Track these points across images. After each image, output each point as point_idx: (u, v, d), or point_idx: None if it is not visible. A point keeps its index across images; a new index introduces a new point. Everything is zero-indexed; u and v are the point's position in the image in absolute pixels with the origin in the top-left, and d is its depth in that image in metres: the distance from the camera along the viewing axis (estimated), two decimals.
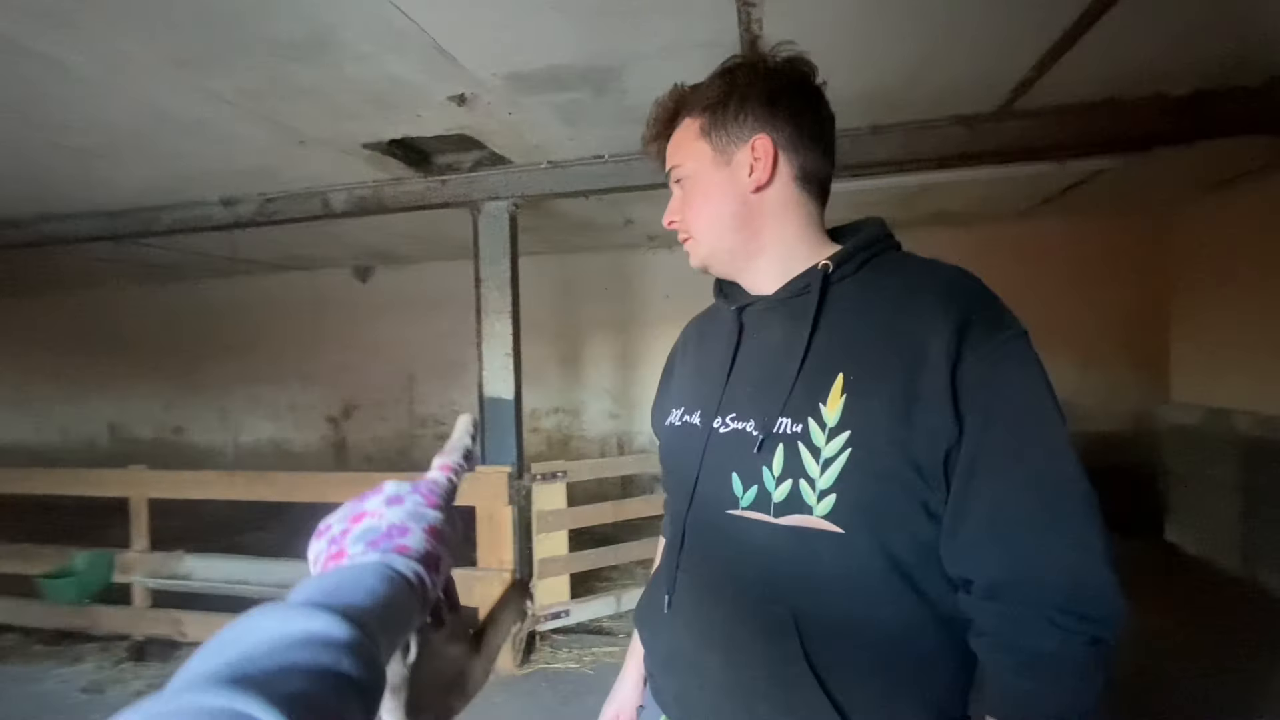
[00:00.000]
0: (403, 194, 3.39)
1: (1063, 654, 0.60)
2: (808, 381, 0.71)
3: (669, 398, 0.94)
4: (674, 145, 0.84)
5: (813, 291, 0.75)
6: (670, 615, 0.82)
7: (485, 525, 3.10)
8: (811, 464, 0.68)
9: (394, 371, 6.31)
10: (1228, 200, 4.10)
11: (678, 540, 0.82)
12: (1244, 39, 2.07)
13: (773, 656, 0.70)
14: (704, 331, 0.95)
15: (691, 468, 0.80)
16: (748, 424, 0.75)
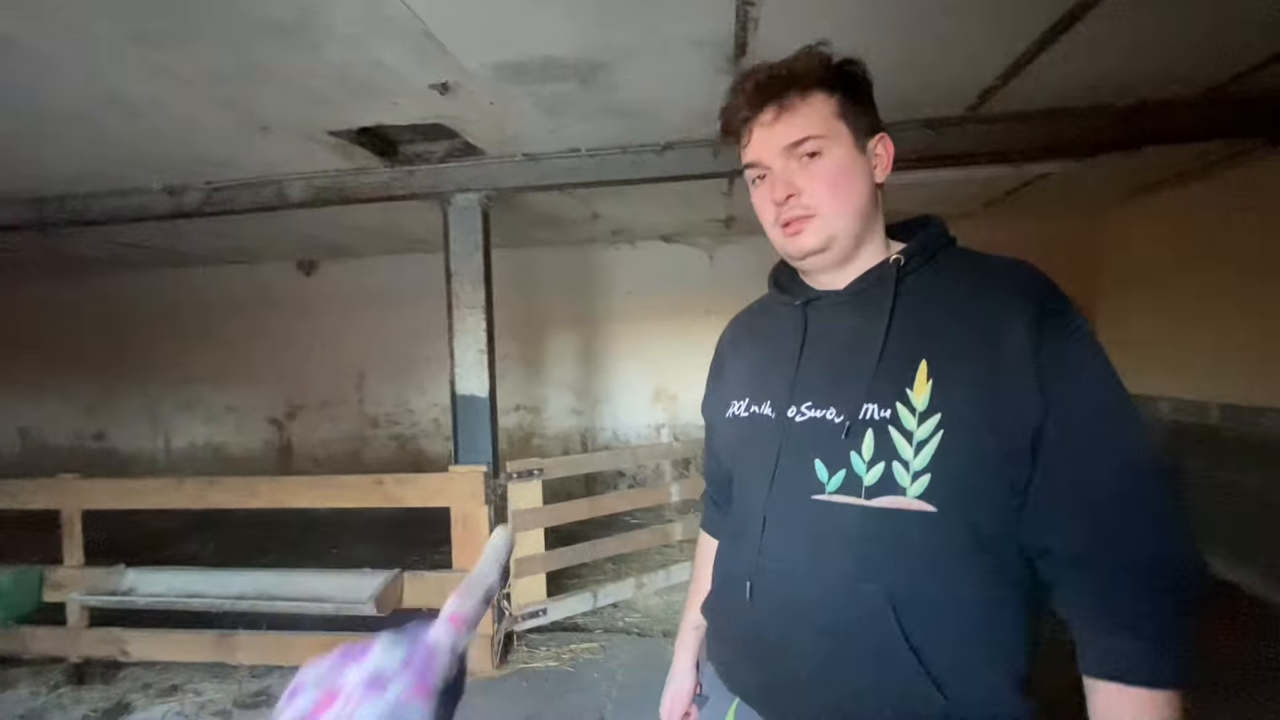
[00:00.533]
0: (366, 184, 3.26)
1: (1158, 615, 0.65)
2: (889, 369, 0.75)
3: (726, 390, 0.95)
4: (807, 115, 0.79)
5: (887, 283, 0.80)
6: (753, 603, 0.81)
7: (461, 527, 3.02)
8: (905, 447, 0.71)
9: (342, 370, 6.06)
10: (1151, 204, 4.46)
11: (757, 528, 0.82)
12: (1182, 55, 2.26)
13: (869, 635, 0.72)
14: (757, 326, 0.97)
15: (768, 457, 0.81)
16: (827, 411, 0.77)
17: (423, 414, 5.97)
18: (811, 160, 0.80)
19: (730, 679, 0.88)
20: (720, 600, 0.90)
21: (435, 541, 4.20)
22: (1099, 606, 0.68)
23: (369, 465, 5.89)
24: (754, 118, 0.82)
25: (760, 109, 0.81)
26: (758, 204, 0.86)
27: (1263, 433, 3.55)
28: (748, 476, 0.87)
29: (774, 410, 0.83)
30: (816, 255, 0.83)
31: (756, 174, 0.85)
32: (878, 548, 0.72)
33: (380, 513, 3.61)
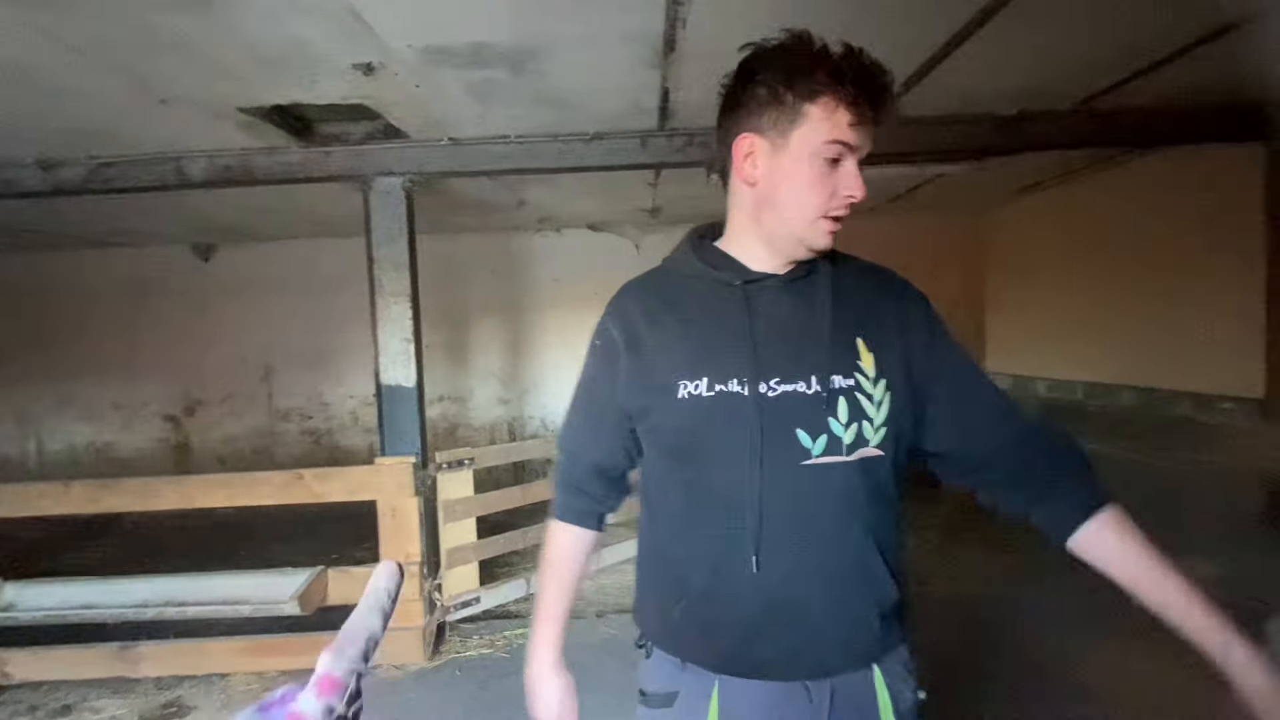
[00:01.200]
0: (278, 165, 3.09)
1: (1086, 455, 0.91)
2: (839, 346, 0.88)
3: (661, 369, 0.90)
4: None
5: (823, 275, 0.92)
6: (761, 574, 0.86)
7: (388, 519, 2.96)
8: (870, 408, 0.87)
9: (248, 361, 5.69)
10: (1030, 203, 4.95)
11: (748, 502, 0.85)
12: (1055, 73, 2.54)
13: (862, 565, 0.88)
14: (676, 301, 0.93)
15: (748, 433, 0.85)
16: (797, 385, 0.86)
17: (339, 406, 5.72)
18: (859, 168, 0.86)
19: (727, 660, 0.90)
20: (713, 585, 0.89)
21: (358, 538, 4.07)
22: (1054, 470, 0.89)
23: (280, 462, 5.58)
24: (862, 104, 0.81)
25: (881, 105, 0.82)
26: (810, 184, 0.84)
27: (1118, 407, 4.06)
28: (720, 456, 0.87)
29: (745, 387, 0.86)
30: (814, 254, 0.90)
31: (835, 154, 0.83)
32: (857, 493, 0.87)
33: (294, 512, 3.44)
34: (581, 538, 1.06)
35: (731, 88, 0.89)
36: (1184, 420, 3.56)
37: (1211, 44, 2.26)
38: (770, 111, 0.84)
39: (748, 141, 0.86)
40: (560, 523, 1.06)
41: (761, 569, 0.85)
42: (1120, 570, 0.85)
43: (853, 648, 0.88)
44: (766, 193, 0.87)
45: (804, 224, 0.86)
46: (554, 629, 1.06)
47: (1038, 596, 3.12)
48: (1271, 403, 3.02)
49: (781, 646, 0.87)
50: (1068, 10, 2.04)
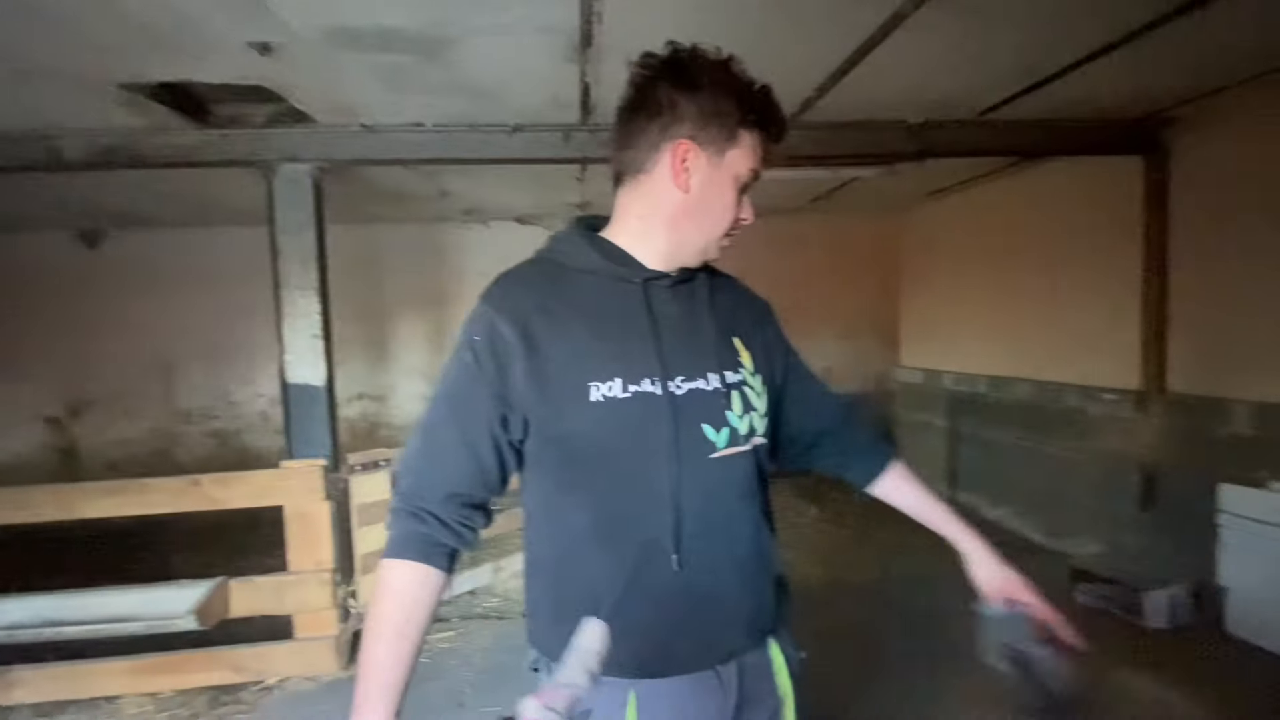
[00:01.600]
0: (168, 147, 2.86)
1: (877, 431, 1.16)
2: (722, 344, 0.95)
3: (569, 371, 0.84)
4: None
5: (702, 278, 0.97)
6: (684, 570, 0.86)
7: (296, 525, 2.82)
8: (756, 399, 0.94)
9: (144, 358, 5.27)
10: (938, 206, 5.22)
11: (670, 501, 0.85)
12: (956, 85, 2.68)
13: (760, 547, 0.95)
14: (577, 300, 0.88)
15: (664, 431, 0.85)
16: (698, 382, 0.90)
17: (247, 406, 5.39)
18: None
19: (643, 664, 0.86)
20: (631, 594, 0.86)
21: (269, 545, 3.85)
22: (863, 439, 1.11)
23: (183, 466, 5.20)
24: (772, 144, 0.90)
25: (776, 143, 0.91)
26: (725, 206, 0.89)
27: (1015, 398, 4.36)
28: (635, 458, 0.85)
29: (657, 386, 0.86)
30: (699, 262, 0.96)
31: (749, 181, 0.90)
32: (751, 479, 0.94)
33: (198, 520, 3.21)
34: (428, 579, 0.84)
35: (667, 87, 0.85)
36: (1072, 411, 3.86)
37: (1094, 63, 2.43)
38: (714, 127, 0.85)
39: (686, 147, 0.85)
40: (398, 562, 0.84)
41: (683, 566, 0.85)
42: (904, 503, 1.08)
43: (756, 625, 0.94)
44: (696, 203, 0.87)
45: (714, 239, 0.91)
46: (389, 705, 0.80)
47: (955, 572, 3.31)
48: (1147, 394, 3.31)
49: (699, 639, 0.88)
50: (963, 28, 2.14)
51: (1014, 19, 2.11)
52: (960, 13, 2.03)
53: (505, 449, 0.88)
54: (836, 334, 5.96)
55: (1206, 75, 2.64)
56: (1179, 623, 2.89)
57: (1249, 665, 2.59)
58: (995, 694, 2.39)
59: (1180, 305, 3.19)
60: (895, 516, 1.12)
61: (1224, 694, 2.38)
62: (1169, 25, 2.13)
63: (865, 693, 2.46)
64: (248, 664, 2.76)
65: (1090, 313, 3.74)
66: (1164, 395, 3.25)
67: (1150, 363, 3.27)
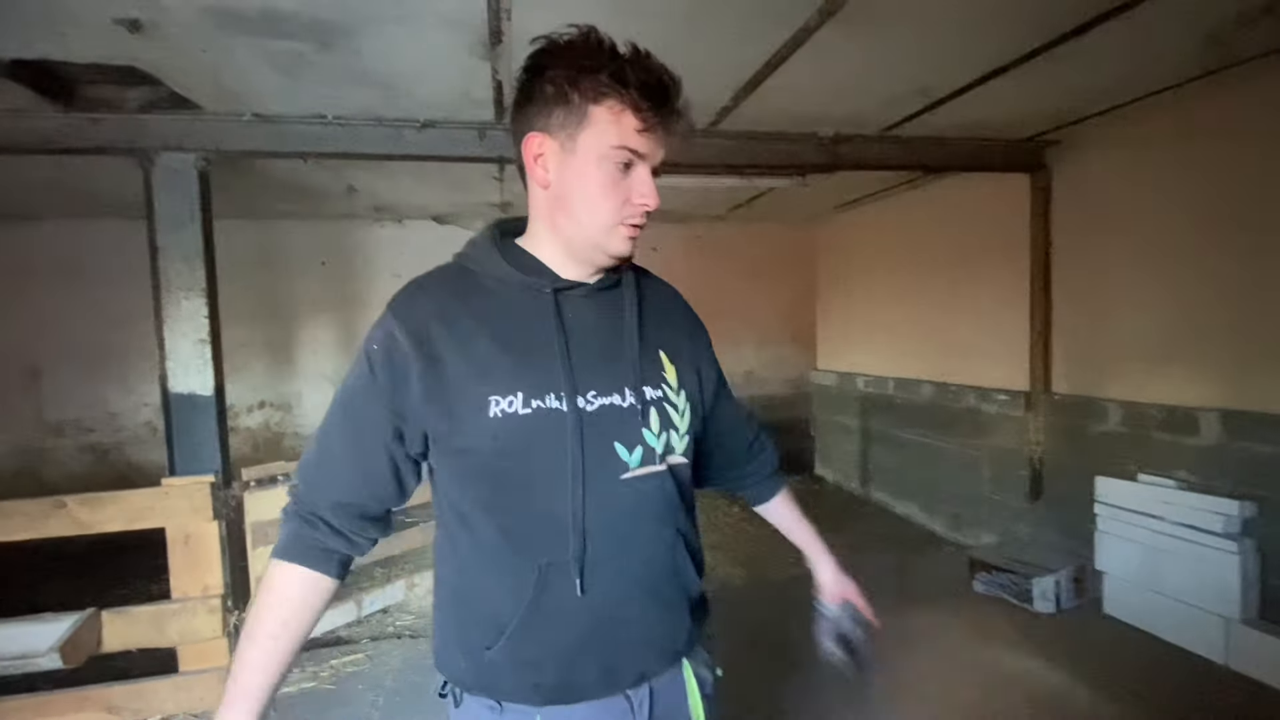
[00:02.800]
0: (26, 131, 2.55)
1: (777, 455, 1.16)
2: (646, 358, 0.89)
3: (468, 383, 0.80)
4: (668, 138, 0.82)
5: (629, 286, 0.92)
6: (587, 594, 0.82)
7: (180, 548, 2.58)
8: (676, 417, 0.90)
9: (5, 364, 4.71)
10: (850, 217, 5.44)
11: (575, 522, 0.81)
12: (863, 101, 2.78)
13: (676, 572, 0.90)
14: (482, 309, 0.84)
15: (566, 449, 0.80)
16: (612, 398, 0.85)
17: (130, 417, 4.92)
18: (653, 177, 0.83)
19: (549, 691, 0.84)
20: (533, 617, 0.82)
21: (154, 569, 3.52)
22: (766, 464, 1.14)
23: (53, 484, 4.69)
24: (656, 113, 0.78)
25: (676, 116, 0.80)
26: (602, 188, 0.80)
27: (919, 399, 4.59)
28: (536, 476, 0.81)
29: (564, 402, 0.81)
30: (619, 260, 0.87)
31: (624, 160, 0.79)
32: (668, 500, 0.89)
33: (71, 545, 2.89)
34: (313, 584, 0.83)
35: (521, 82, 0.83)
36: (970, 410, 4.10)
37: (985, 85, 2.59)
38: (558, 111, 0.79)
39: (536, 141, 0.82)
40: (284, 563, 0.82)
41: (587, 591, 0.81)
42: (779, 523, 1.17)
43: (667, 648, 0.91)
44: (559, 196, 0.83)
45: (600, 230, 0.82)
46: (253, 708, 0.78)
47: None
48: (1034, 394, 3.56)
49: (605, 664, 0.85)
50: (863, 48, 2.23)
51: (909, 42, 2.21)
52: (860, 34, 2.11)
53: (402, 461, 0.85)
54: (756, 339, 6.12)
55: (1080, 102, 2.87)
56: (1064, 606, 3.12)
57: (1123, 644, 2.83)
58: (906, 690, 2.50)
59: (1062, 312, 3.46)
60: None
61: (1099, 671, 2.58)
62: (1048, 54, 2.29)
63: (782, 697, 2.51)
64: (124, 703, 2.50)
65: (985, 319, 4.00)
66: (1049, 395, 3.51)
67: (1037, 366, 3.53)
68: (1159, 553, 2.81)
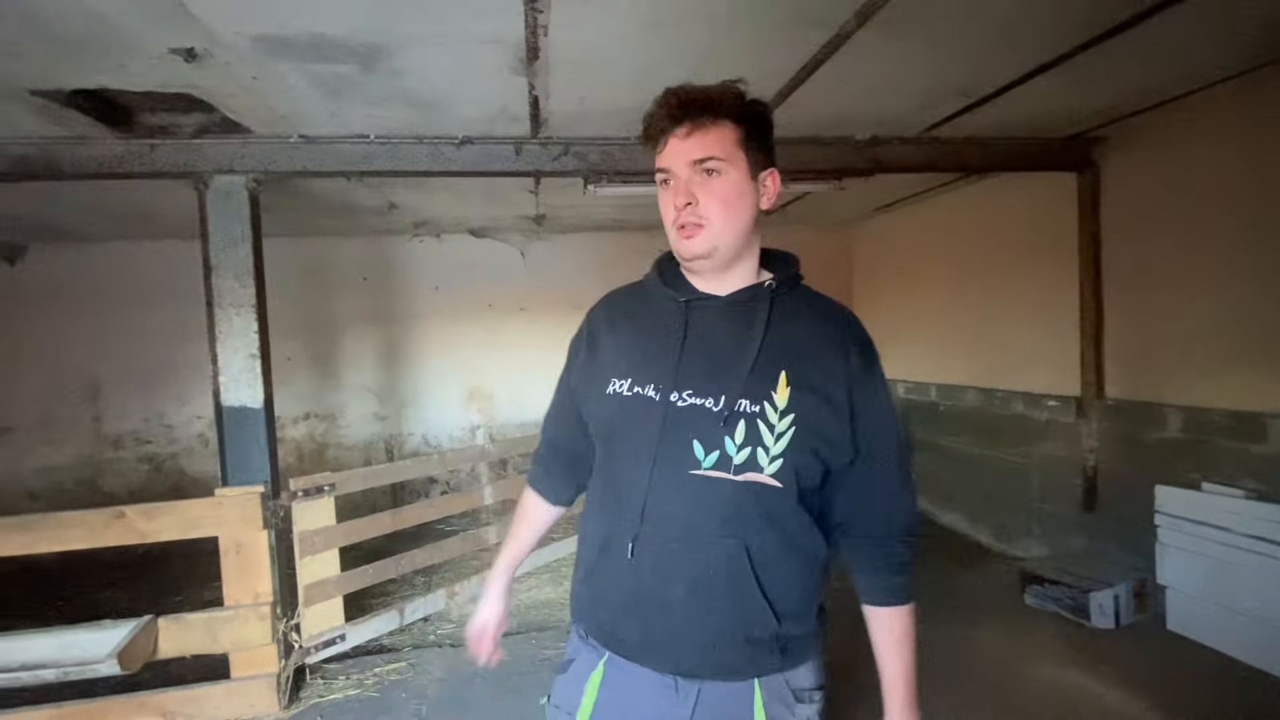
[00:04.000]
0: (89, 158, 2.69)
1: (909, 559, 1.00)
2: (760, 373, 0.92)
3: (603, 366, 1.02)
4: (714, 138, 0.92)
5: (762, 301, 0.97)
6: (634, 561, 0.93)
7: (232, 557, 2.66)
8: (768, 436, 0.91)
9: (68, 380, 4.95)
10: (888, 220, 5.35)
11: (639, 496, 0.93)
12: (901, 102, 2.74)
13: (732, 579, 0.91)
14: (635, 311, 1.04)
15: (651, 434, 0.93)
16: (707, 400, 0.92)
17: (184, 429, 5.11)
18: (710, 177, 0.92)
19: (608, 636, 0.99)
20: (601, 563, 0.99)
21: (206, 576, 3.64)
22: (881, 559, 1.00)
23: (112, 494, 4.89)
24: (670, 129, 0.93)
25: (678, 123, 0.92)
26: (662, 204, 0.97)
27: (964, 406, 4.47)
28: (626, 450, 0.96)
29: (658, 393, 0.94)
30: (701, 259, 0.95)
31: (663, 178, 0.95)
32: (739, 512, 0.91)
33: (128, 553, 3.01)
34: (538, 503, 1.22)
35: None
36: (1017, 417, 3.97)
37: (1027, 84, 2.52)
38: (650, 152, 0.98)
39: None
40: (529, 487, 1.23)
41: (634, 557, 0.93)
42: (875, 646, 1.02)
43: (714, 657, 0.93)
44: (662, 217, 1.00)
45: (670, 238, 0.97)
46: (507, 557, 1.22)
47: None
48: (1086, 400, 3.43)
49: (645, 634, 0.94)
50: (903, 50, 2.19)
51: (950, 42, 2.16)
52: (900, 35, 2.07)
53: (580, 423, 1.09)
54: None
55: (1130, 96, 2.77)
56: (1123, 622, 2.98)
57: (1188, 661, 2.68)
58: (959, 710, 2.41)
59: (1114, 314, 3.33)
60: None
61: (1165, 691, 2.45)
62: (1095, 49, 2.22)
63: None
64: (178, 708, 2.58)
65: (1032, 323, 3.87)
66: (1102, 401, 3.38)
67: (1088, 370, 3.40)
68: (1227, 566, 2.66)
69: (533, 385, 5.32)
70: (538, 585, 3.83)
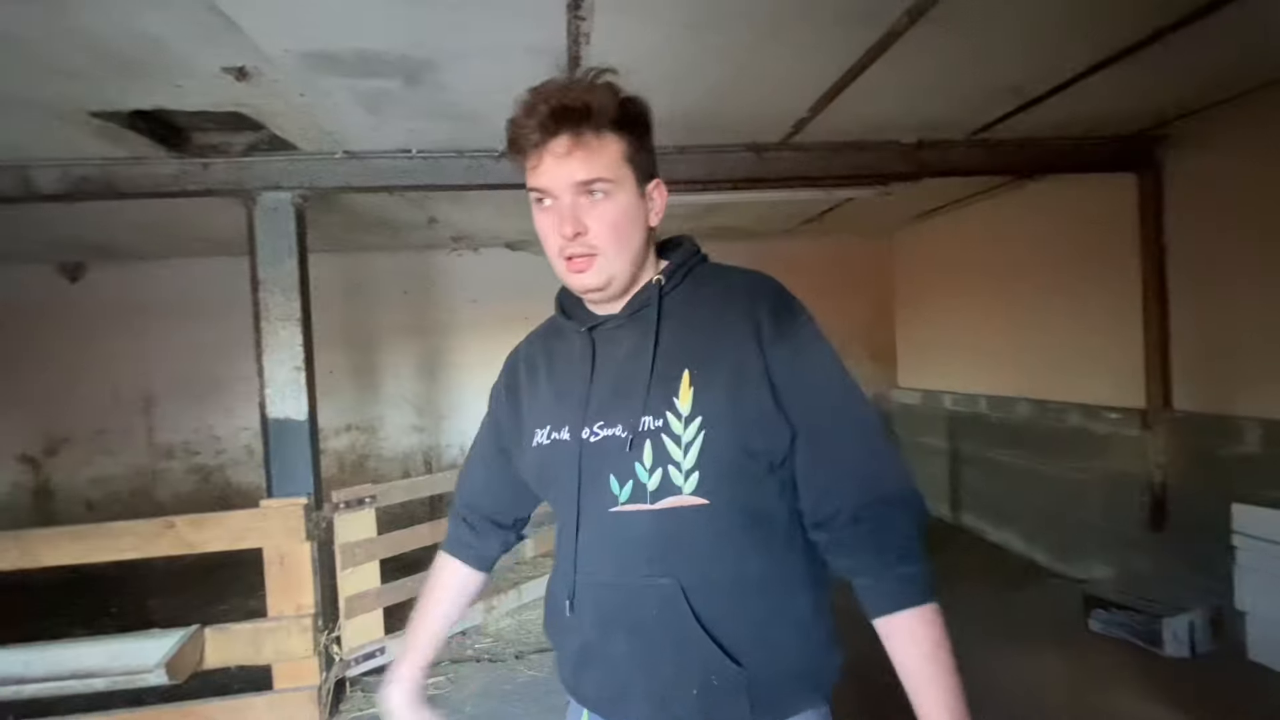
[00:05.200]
0: (145, 176, 2.78)
1: (913, 533, 0.78)
2: (660, 382, 0.81)
3: (526, 418, 0.93)
4: (596, 155, 0.79)
5: (651, 305, 0.85)
6: (574, 617, 0.86)
7: (275, 568, 2.68)
8: (675, 450, 0.78)
9: (123, 393, 5.13)
10: (933, 225, 5.20)
11: (571, 547, 0.86)
12: (948, 105, 2.65)
13: (668, 624, 0.79)
14: (552, 350, 0.94)
15: (571, 479, 0.84)
16: (615, 429, 0.81)
17: (231, 440, 5.24)
18: (598, 201, 0.80)
19: (576, 692, 0.92)
20: (552, 619, 0.93)
21: (252, 586, 3.69)
22: (875, 550, 0.77)
23: (163, 504, 5.04)
24: (545, 144, 0.79)
25: (554, 136, 0.78)
26: (541, 228, 0.84)
27: (1016, 418, 4.28)
28: (558, 500, 0.89)
29: (570, 434, 0.85)
30: (596, 292, 0.84)
31: (539, 198, 0.83)
32: (666, 545, 0.79)
33: (178, 560, 3.08)
34: (457, 572, 1.04)
35: None
36: (1074, 430, 3.78)
37: (1084, 81, 2.41)
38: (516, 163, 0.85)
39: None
40: (442, 553, 1.06)
41: (574, 611, 0.86)
42: (902, 673, 0.77)
43: (669, 711, 0.82)
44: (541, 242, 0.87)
45: (556, 268, 0.85)
46: (411, 659, 1.01)
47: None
48: (1151, 411, 3.24)
49: (598, 688, 0.87)
50: (952, 49, 2.11)
51: (1003, 40, 2.08)
52: (948, 34, 2.00)
53: (509, 479, 0.99)
54: None
55: (1197, 91, 2.63)
56: (1199, 651, 2.78)
57: (1274, 694, 2.48)
58: None
59: (1181, 321, 3.14)
60: None
61: None
62: (1158, 43, 2.10)
63: None
64: (222, 718, 2.60)
65: (1090, 330, 3.69)
66: (1169, 413, 3.18)
67: (1153, 380, 3.21)
68: None
69: None
70: None
